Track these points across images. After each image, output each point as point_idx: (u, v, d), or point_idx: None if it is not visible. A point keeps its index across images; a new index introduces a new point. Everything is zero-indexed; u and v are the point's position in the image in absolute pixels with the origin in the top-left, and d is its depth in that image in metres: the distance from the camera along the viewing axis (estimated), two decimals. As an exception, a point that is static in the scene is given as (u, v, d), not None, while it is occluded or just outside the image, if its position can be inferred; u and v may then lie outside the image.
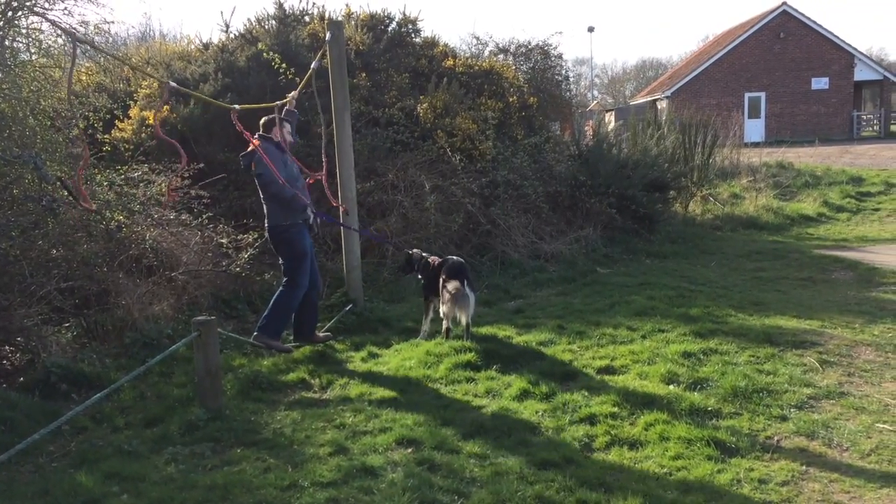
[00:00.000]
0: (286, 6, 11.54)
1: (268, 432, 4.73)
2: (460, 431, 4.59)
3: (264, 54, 9.21)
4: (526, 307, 7.84)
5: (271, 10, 11.54)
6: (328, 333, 6.73)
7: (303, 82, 7.12)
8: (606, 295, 8.05)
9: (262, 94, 9.04)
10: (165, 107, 8.96)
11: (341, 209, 7.41)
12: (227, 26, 11.14)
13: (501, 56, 15.68)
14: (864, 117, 38.21)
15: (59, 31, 6.22)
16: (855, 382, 5.27)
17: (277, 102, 6.60)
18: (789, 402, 4.87)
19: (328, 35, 7.29)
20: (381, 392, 5.37)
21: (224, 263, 7.42)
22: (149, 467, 4.26)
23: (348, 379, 5.76)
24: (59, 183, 6.15)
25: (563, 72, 17.13)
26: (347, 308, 7.28)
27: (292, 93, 6.88)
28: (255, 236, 7.66)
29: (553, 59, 16.19)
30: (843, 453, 4.20)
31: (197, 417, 4.85)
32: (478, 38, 16.56)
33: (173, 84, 5.70)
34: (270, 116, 6.40)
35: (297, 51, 10.07)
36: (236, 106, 5.95)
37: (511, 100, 11.89)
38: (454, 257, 6.90)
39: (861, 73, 36.40)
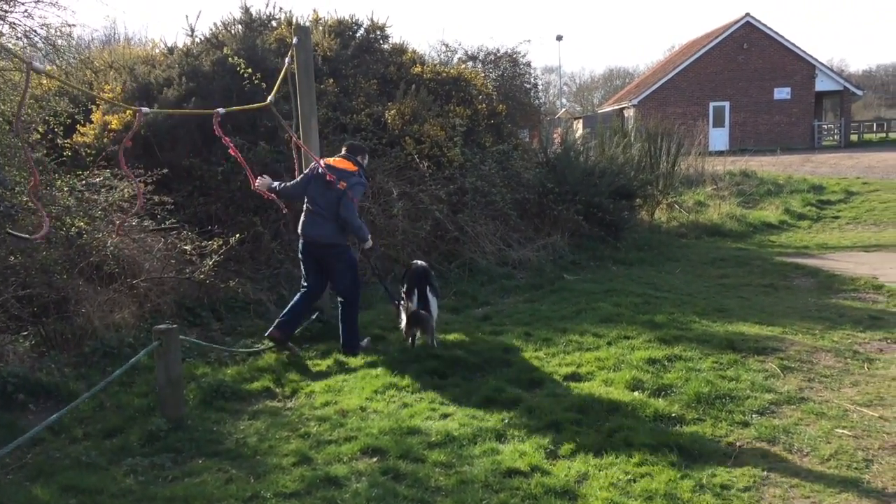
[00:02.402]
0: (253, 11, 11.47)
1: (230, 442, 4.66)
2: (426, 440, 4.56)
3: (230, 59, 9.11)
4: (493, 314, 7.85)
5: (238, 14, 11.45)
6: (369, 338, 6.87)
7: (278, 82, 7.06)
8: (573, 302, 8.09)
9: (228, 99, 8.94)
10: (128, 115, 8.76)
11: (283, 210, 7.37)
12: (193, 30, 11.02)
13: (470, 63, 15.77)
14: (825, 127, 39.01)
15: (18, 35, 6.10)
16: (815, 388, 5.35)
17: (257, 105, 6.63)
18: (751, 408, 4.93)
19: (295, 40, 7.25)
20: (347, 400, 5.33)
21: (188, 270, 7.31)
22: (107, 479, 4.17)
23: (314, 387, 5.71)
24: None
25: (532, 80, 17.32)
26: (314, 316, 7.21)
27: (270, 95, 6.82)
28: (220, 243, 7.56)
29: (522, 66, 16.34)
30: (803, 458, 4.26)
31: (157, 428, 4.76)
32: (447, 46, 16.65)
33: (147, 110, 5.58)
34: (359, 144, 7.12)
35: (264, 56, 9.99)
36: (220, 109, 5.86)
37: (479, 107, 11.93)
38: (418, 262, 6.94)
39: (822, 84, 37.20)
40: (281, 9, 18.50)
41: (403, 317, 6.56)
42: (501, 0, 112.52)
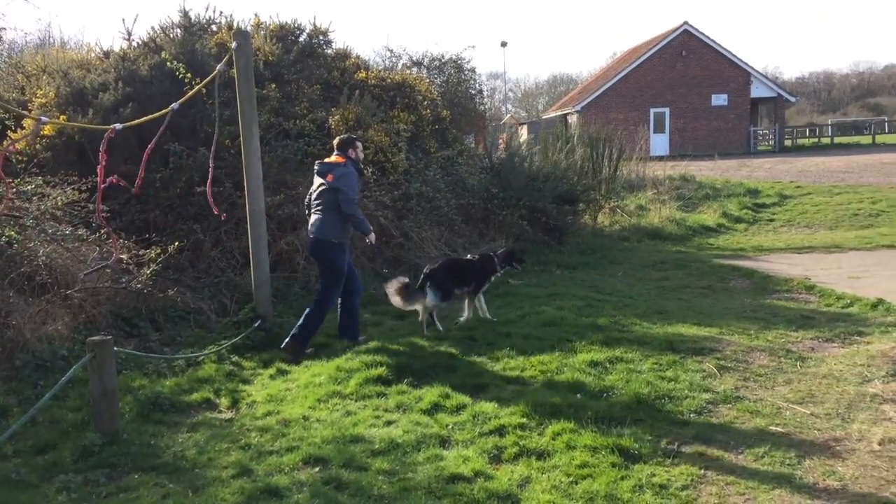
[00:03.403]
0: (192, 15, 11.28)
1: (168, 456, 4.55)
2: (370, 448, 4.53)
3: (168, 63, 8.95)
4: (438, 320, 7.83)
5: (177, 18, 11.23)
6: (365, 337, 7.02)
7: (201, 84, 6.96)
8: (517, 306, 8.15)
9: (167, 103, 8.66)
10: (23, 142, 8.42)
11: (222, 217, 7.30)
12: (130, 34, 10.79)
13: (415, 69, 15.79)
14: (761, 132, 40.29)
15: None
16: (750, 387, 5.50)
17: (159, 113, 6.52)
18: (689, 408, 5.04)
19: (234, 44, 7.14)
20: (290, 410, 5.26)
21: (124, 280, 7.12)
22: (38, 497, 4.03)
23: (256, 397, 5.63)
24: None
25: (477, 85, 17.41)
26: (256, 324, 7.11)
27: (176, 103, 6.73)
28: (159, 251, 7.39)
29: (466, 72, 16.43)
30: (738, 456, 4.36)
31: (92, 442, 4.61)
32: (391, 51, 16.61)
33: (45, 119, 5.44)
34: (348, 136, 7.05)
35: (204, 60, 9.83)
36: (117, 125, 5.76)
37: (424, 112, 11.95)
38: (447, 258, 8.07)
39: (757, 91, 38.39)
40: (221, 13, 18.21)
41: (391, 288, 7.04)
42: (446, 6, 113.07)
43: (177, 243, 7.72)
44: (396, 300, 7.08)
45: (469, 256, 8.05)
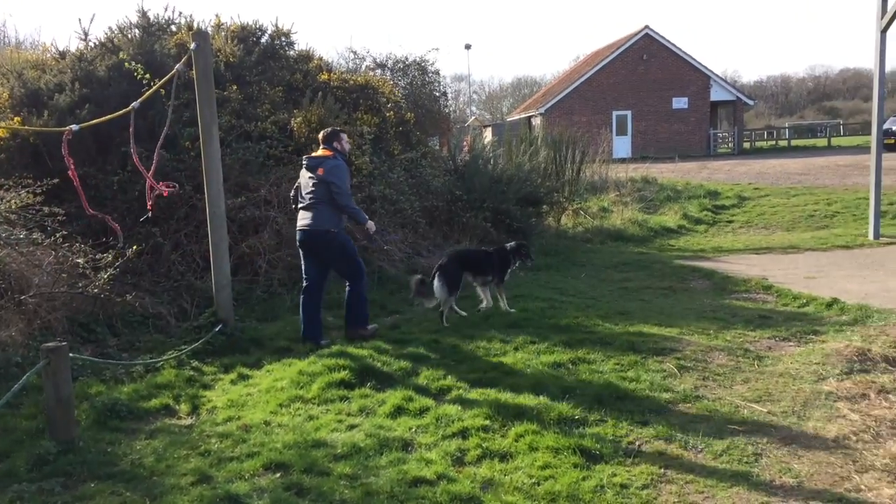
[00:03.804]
0: (151, 15, 11.09)
1: (125, 464, 4.46)
2: (332, 452, 4.50)
3: (126, 64, 8.80)
4: (402, 322, 7.83)
5: (134, 18, 11.03)
6: (375, 326, 7.34)
7: (159, 84, 6.86)
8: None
9: (125, 104, 8.50)
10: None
11: (149, 211, 7.21)
12: (86, 34, 10.56)
13: (379, 71, 15.75)
14: (721, 135, 40.99)
15: None
16: (709, 386, 5.58)
17: (117, 114, 6.40)
18: (650, 408, 5.09)
19: (193, 45, 7.04)
20: (251, 415, 5.20)
21: (81, 284, 6.97)
22: (-11, 509, 3.92)
23: (216, 403, 5.55)
24: None
25: (441, 88, 17.43)
26: (217, 328, 7.01)
27: (136, 101, 6.63)
28: (116, 255, 7.25)
29: (430, 74, 16.43)
30: (697, 455, 4.43)
31: (46, 451, 4.50)
32: (355, 53, 16.54)
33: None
34: (332, 129, 7.22)
35: (163, 61, 9.67)
36: (74, 126, 5.65)
37: (388, 115, 11.93)
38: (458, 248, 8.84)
39: (717, 94, 39.10)
40: (181, 13, 18.05)
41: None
42: (410, 9, 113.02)
43: (135, 247, 7.58)
44: (419, 298, 7.69)
45: (485, 249, 8.61)
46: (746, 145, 42.81)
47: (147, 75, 8.34)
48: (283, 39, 11.82)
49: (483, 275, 7.93)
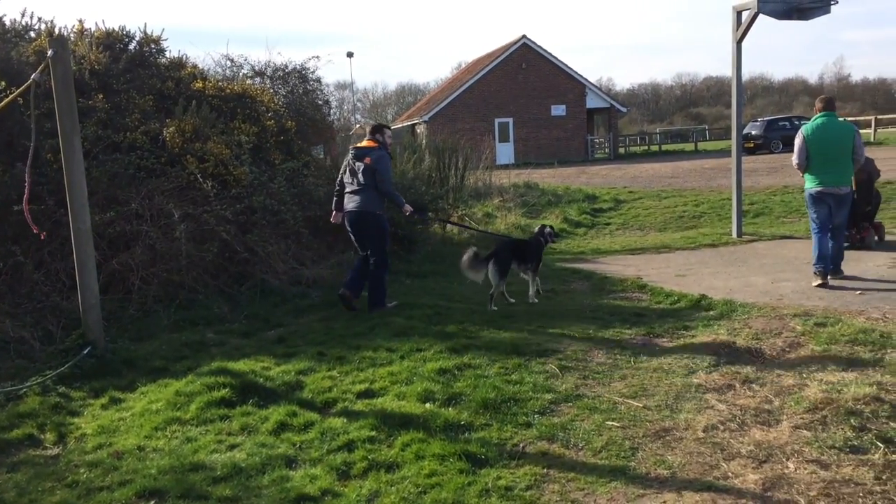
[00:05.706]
0: (6, 20, 10.39)
1: (-18, 503, 4.13)
2: (211, 475, 4.33)
3: (-22, 71, 8.19)
4: (287, 335, 7.66)
5: (-13, 23, 10.29)
6: (395, 302, 8.48)
7: (15, 94, 6.42)
8: (367, 318, 8.10)
9: (-24, 115, 8.00)
10: None
11: (42, 235, 6.85)
12: (-68, 38, 9.76)
13: (258, 79, 15.38)
14: (597, 141, 42.75)
15: None
16: (589, 384, 5.76)
17: None
18: (533, 409, 5.19)
19: (51, 52, 6.63)
20: (123, 441, 4.93)
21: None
22: None
23: (85, 430, 5.23)
24: None
25: (324, 96, 17.22)
26: (85, 351, 6.61)
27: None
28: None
29: (312, 83, 16.20)
30: (578, 453, 4.55)
31: None
32: (232, 61, 16.06)
33: None
34: (378, 122, 8.79)
35: (21, 69, 9.06)
36: None
37: (268, 124, 11.67)
38: (509, 238, 10.03)
39: (592, 102, 40.68)
40: (40, 19, 16.94)
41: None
42: (290, 15, 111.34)
43: (-9, 267, 7.05)
44: (472, 272, 8.41)
45: (524, 238, 9.67)
46: (621, 150, 44.82)
47: (2, 84, 7.79)
48: (153, 46, 11.36)
49: (526, 262, 8.75)
